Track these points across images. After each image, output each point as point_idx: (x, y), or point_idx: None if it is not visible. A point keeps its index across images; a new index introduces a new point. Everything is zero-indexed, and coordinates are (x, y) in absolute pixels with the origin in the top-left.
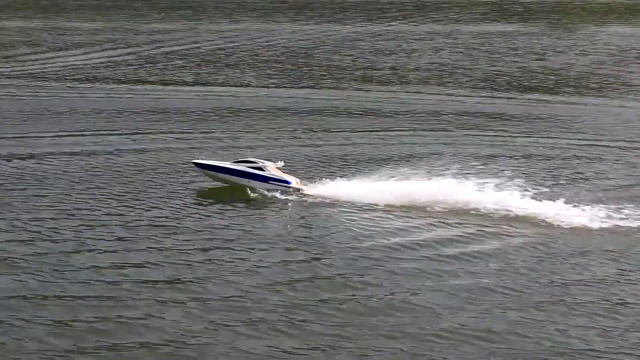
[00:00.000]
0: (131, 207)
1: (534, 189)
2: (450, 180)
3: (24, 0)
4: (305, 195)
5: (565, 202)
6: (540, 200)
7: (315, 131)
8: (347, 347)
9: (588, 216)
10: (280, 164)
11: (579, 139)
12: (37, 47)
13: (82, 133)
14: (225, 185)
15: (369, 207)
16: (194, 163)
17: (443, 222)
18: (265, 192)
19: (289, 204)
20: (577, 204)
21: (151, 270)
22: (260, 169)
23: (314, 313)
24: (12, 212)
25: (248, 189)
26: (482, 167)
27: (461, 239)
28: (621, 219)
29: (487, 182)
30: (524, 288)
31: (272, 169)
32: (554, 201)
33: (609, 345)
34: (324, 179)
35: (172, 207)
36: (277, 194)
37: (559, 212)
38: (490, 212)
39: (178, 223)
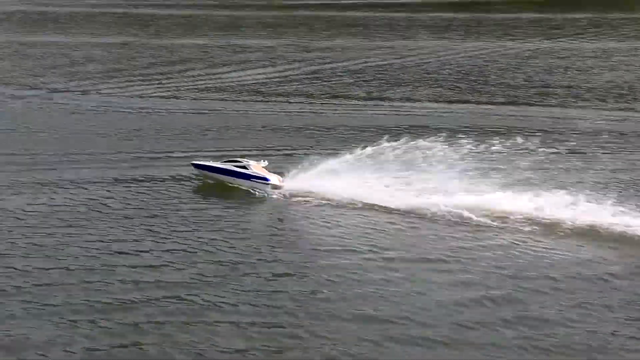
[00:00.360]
0: (297, 228)
1: None
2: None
3: (205, 19)
4: (282, 190)
5: None
6: None
7: (495, 152)
8: None
9: None
10: (264, 163)
11: None
12: (212, 63)
13: (249, 149)
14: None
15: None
16: (192, 164)
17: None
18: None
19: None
20: None
21: (325, 294)
22: (244, 167)
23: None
24: (180, 229)
25: None
26: None
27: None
28: None
29: None
30: None
31: (255, 167)
32: None
33: None
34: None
35: (344, 226)
36: None
37: None
38: None
39: (347, 245)
